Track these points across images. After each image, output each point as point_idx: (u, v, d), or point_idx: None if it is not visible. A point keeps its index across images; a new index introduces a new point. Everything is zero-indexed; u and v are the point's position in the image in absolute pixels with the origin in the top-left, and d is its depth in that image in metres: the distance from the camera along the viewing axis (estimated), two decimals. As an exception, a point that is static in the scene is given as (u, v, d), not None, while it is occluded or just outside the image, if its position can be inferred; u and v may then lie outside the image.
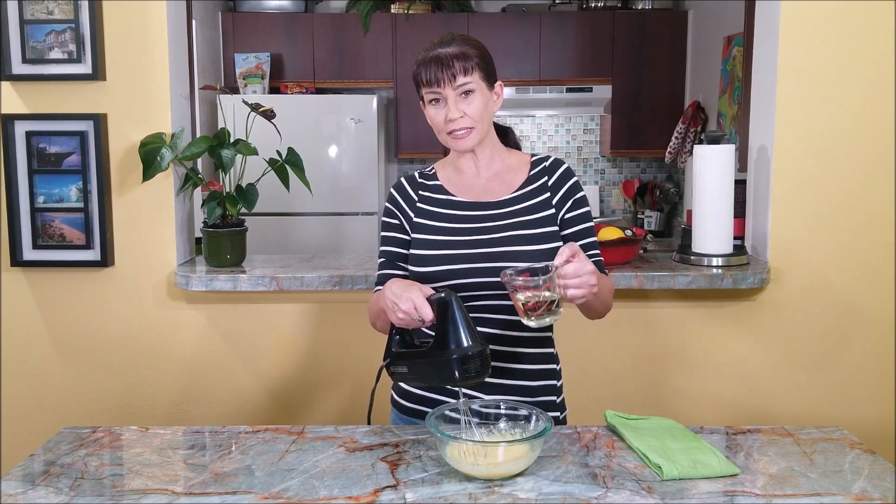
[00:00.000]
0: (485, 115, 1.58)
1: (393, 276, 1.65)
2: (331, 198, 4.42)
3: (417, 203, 1.67)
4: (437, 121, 1.58)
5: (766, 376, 2.33)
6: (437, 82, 1.54)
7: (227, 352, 2.36)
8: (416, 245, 1.64)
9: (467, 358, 1.36)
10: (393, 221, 1.68)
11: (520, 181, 1.66)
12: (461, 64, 1.54)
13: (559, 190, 1.64)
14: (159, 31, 2.25)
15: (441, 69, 1.54)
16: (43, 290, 2.33)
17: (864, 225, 2.27)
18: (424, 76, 1.56)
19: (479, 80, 1.56)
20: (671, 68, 4.73)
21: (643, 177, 5.21)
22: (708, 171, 2.26)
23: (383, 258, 1.69)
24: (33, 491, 1.28)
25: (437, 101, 1.57)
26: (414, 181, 1.70)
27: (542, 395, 1.65)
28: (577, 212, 1.65)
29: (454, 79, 1.54)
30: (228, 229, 2.29)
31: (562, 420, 1.69)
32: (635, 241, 2.34)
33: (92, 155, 2.25)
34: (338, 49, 4.72)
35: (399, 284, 1.44)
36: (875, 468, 1.35)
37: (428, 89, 1.57)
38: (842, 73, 2.24)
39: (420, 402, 1.66)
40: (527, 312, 1.41)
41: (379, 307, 1.54)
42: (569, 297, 1.41)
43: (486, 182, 1.67)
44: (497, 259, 1.56)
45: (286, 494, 1.26)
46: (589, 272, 1.40)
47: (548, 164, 1.67)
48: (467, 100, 1.56)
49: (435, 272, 1.59)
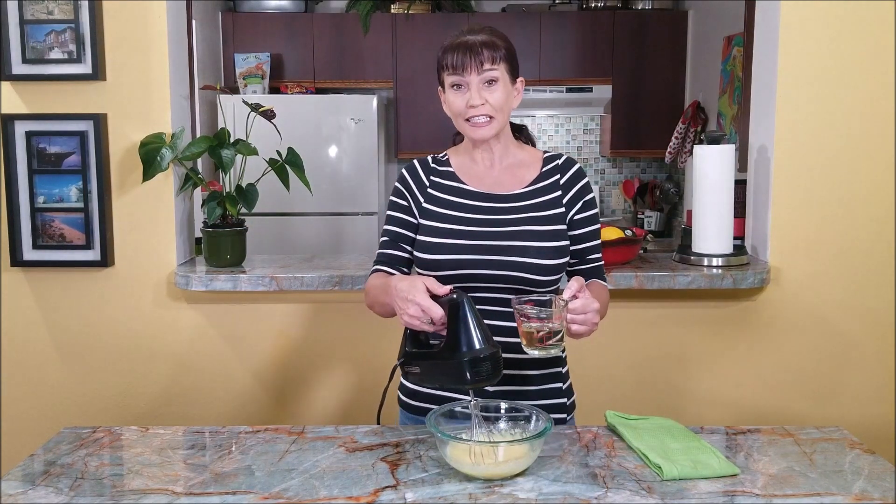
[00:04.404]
0: (505, 107, 1.59)
1: (394, 256, 1.66)
2: (331, 198, 4.42)
3: (428, 189, 1.67)
4: (456, 106, 1.58)
5: (766, 376, 2.33)
6: (462, 67, 1.54)
7: (227, 352, 2.36)
8: (424, 231, 1.63)
9: (478, 360, 1.35)
10: (401, 202, 1.68)
11: (531, 177, 1.66)
12: (489, 52, 1.54)
13: (570, 189, 1.65)
14: (159, 31, 2.25)
15: (468, 55, 1.54)
16: (43, 290, 2.33)
17: (864, 225, 2.27)
18: (450, 60, 1.56)
19: (503, 71, 1.57)
20: (671, 68, 4.73)
21: (643, 177, 5.21)
22: (708, 171, 2.26)
23: (387, 237, 1.68)
24: (33, 491, 1.28)
25: (458, 87, 1.58)
26: (427, 165, 1.70)
27: (546, 383, 1.65)
28: (587, 213, 1.65)
29: (481, 66, 1.54)
30: (228, 229, 2.29)
31: (569, 406, 1.69)
32: (635, 241, 2.34)
33: (92, 155, 2.25)
34: (338, 49, 4.72)
35: (405, 283, 1.43)
36: (875, 468, 1.35)
37: (452, 74, 1.56)
38: (842, 73, 2.24)
39: (427, 400, 1.65)
40: (532, 342, 1.41)
41: (381, 298, 1.55)
42: (572, 331, 1.43)
43: (498, 175, 1.67)
44: (505, 252, 1.57)
45: (286, 494, 1.26)
46: (594, 310, 1.42)
47: (560, 163, 1.68)
48: (490, 88, 1.56)
49: (442, 260, 1.58)
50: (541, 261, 1.57)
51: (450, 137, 1.76)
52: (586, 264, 1.67)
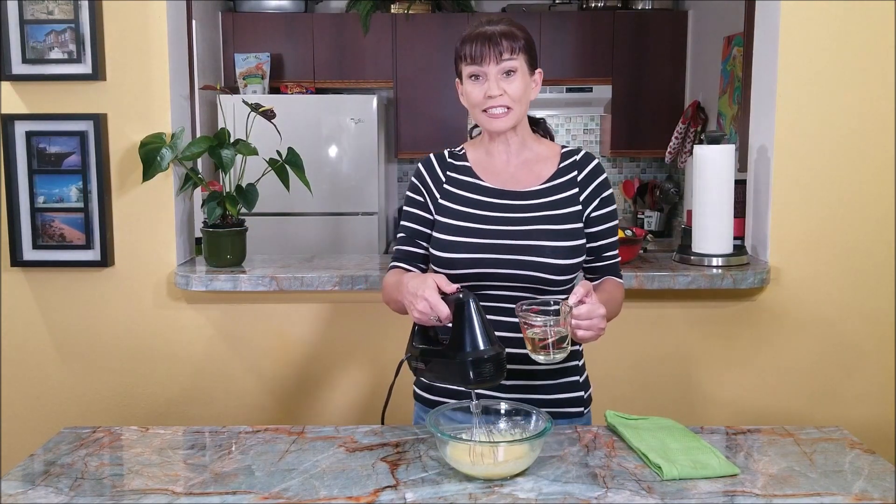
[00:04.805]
0: (523, 98, 1.58)
1: (410, 252, 1.66)
2: (331, 198, 4.41)
3: (444, 184, 1.66)
4: (474, 97, 1.57)
5: (766, 376, 2.33)
6: (481, 58, 1.54)
7: (227, 352, 2.36)
8: (440, 229, 1.62)
9: (481, 361, 1.35)
10: (417, 198, 1.68)
11: (549, 172, 1.65)
12: (509, 43, 1.53)
13: (588, 186, 1.64)
14: (159, 31, 2.25)
15: (487, 45, 1.53)
16: (43, 290, 2.33)
17: (864, 225, 2.27)
18: (469, 51, 1.54)
19: (522, 62, 1.56)
20: (671, 68, 4.73)
21: (643, 177, 5.20)
22: (708, 171, 2.26)
23: (403, 234, 1.68)
24: (33, 491, 1.28)
25: (476, 78, 1.57)
26: (443, 160, 1.69)
27: (564, 376, 1.65)
28: (604, 210, 1.65)
29: (500, 56, 1.53)
30: (228, 229, 2.29)
31: (586, 399, 1.69)
32: (635, 241, 2.34)
33: (92, 155, 2.25)
34: (338, 49, 4.72)
35: (416, 281, 1.43)
36: (875, 468, 1.35)
37: (470, 65, 1.55)
38: (842, 73, 2.24)
39: (444, 394, 1.64)
40: (537, 348, 1.41)
41: (395, 295, 1.55)
42: (578, 337, 1.43)
43: (514, 170, 1.66)
44: (520, 252, 1.56)
45: (286, 494, 1.26)
46: (600, 315, 1.42)
47: (578, 158, 1.66)
48: (509, 79, 1.55)
49: (458, 259, 1.58)
50: (556, 260, 1.56)
51: (450, 137, 1.76)
52: (602, 261, 1.67)
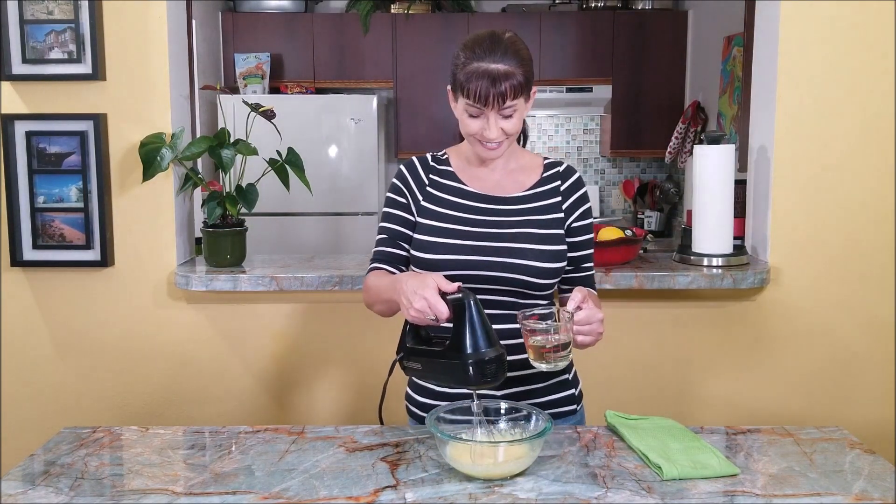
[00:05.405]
0: (518, 127, 1.58)
1: (392, 254, 1.65)
2: (331, 198, 4.41)
3: (427, 187, 1.66)
4: (471, 129, 1.56)
5: (766, 376, 2.33)
6: (484, 101, 1.51)
7: (227, 352, 2.36)
8: (422, 230, 1.62)
9: (484, 362, 1.35)
10: (399, 199, 1.67)
11: (532, 181, 1.67)
12: (510, 85, 1.50)
13: (570, 197, 1.66)
14: (159, 31, 2.25)
15: (491, 88, 1.49)
16: (43, 290, 2.33)
17: (864, 225, 2.27)
18: (473, 91, 1.51)
19: (521, 99, 1.55)
20: (671, 68, 4.73)
21: (643, 177, 5.21)
22: (708, 171, 2.26)
23: (384, 234, 1.67)
24: (33, 491, 1.28)
25: (474, 115, 1.55)
26: (426, 164, 1.69)
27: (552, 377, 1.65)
28: (584, 222, 1.67)
29: (502, 102, 1.51)
30: (228, 229, 2.29)
31: (577, 396, 1.70)
32: (635, 241, 2.34)
33: (92, 155, 2.25)
34: (338, 49, 4.72)
35: (415, 280, 1.41)
36: (875, 468, 1.35)
37: (471, 104, 1.53)
38: (842, 73, 2.24)
39: (435, 397, 1.64)
40: (539, 356, 1.41)
41: (386, 295, 1.54)
42: (578, 342, 1.44)
43: (499, 178, 1.67)
44: (503, 254, 1.57)
45: (286, 494, 1.26)
46: (599, 320, 1.43)
47: (561, 170, 1.69)
48: (507, 119, 1.55)
49: (439, 260, 1.58)
50: (539, 263, 1.57)
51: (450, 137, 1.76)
52: (581, 272, 1.69)
